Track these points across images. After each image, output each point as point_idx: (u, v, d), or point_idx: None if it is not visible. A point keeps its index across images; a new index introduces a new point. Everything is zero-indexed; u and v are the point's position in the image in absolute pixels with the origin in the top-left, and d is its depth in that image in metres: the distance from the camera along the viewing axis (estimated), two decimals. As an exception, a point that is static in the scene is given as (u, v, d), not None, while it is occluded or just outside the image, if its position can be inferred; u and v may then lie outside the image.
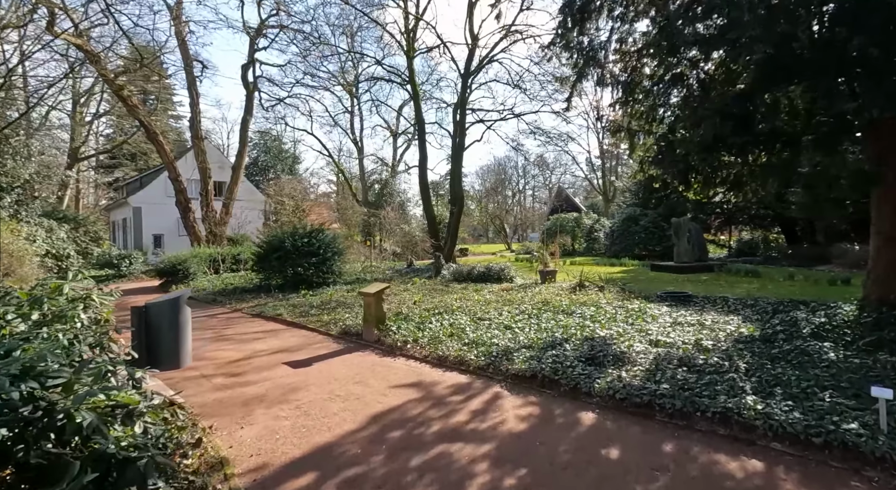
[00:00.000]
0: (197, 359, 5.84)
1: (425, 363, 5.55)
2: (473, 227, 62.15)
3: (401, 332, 6.58)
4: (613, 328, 6.27)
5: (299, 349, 6.35)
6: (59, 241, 16.78)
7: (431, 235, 19.43)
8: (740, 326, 5.94)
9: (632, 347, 5.08)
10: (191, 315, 5.55)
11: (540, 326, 6.72)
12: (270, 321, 8.71)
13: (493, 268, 14.26)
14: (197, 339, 7.12)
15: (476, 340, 5.97)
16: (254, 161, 46.24)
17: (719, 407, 3.46)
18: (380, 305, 6.67)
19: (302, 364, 5.55)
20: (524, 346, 5.60)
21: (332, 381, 4.87)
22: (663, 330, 6.01)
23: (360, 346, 6.44)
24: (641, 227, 24.89)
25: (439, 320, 7.44)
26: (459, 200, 19.00)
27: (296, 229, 13.99)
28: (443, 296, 10.95)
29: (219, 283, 14.20)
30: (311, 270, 13.17)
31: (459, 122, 19.23)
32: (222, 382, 4.86)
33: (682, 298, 8.94)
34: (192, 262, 15.39)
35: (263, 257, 13.23)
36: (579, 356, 4.90)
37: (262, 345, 6.66)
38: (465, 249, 37.06)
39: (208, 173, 23.49)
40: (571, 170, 56.90)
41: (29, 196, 17.72)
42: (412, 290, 12.26)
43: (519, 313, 8.02)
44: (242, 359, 5.83)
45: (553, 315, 7.65)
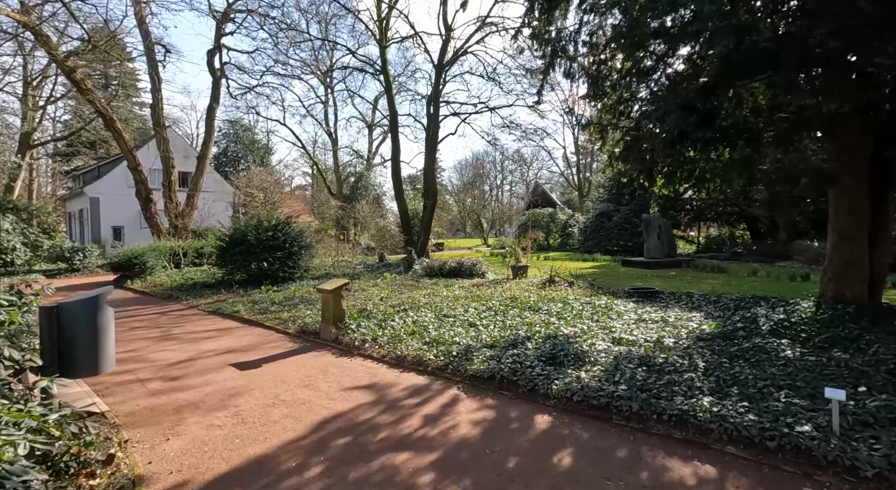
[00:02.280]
0: (136, 361, 5.43)
1: (383, 363, 5.31)
2: (451, 222, 61.99)
3: (360, 330, 6.31)
4: (578, 325, 6.17)
5: (251, 349, 6.00)
6: (3, 233, 15.68)
7: (404, 230, 19.13)
8: (702, 323, 5.93)
9: (594, 346, 4.97)
10: (113, 314, 5.13)
11: (505, 324, 6.57)
12: (226, 319, 8.29)
13: (465, 263, 14.09)
14: (140, 339, 6.68)
15: (437, 339, 5.76)
16: (223, 151, 44.70)
17: (675, 409, 3.36)
18: (338, 302, 6.38)
19: (250, 366, 5.22)
20: (486, 344, 5.43)
21: (279, 384, 4.57)
22: (627, 327, 5.93)
23: (317, 346, 6.14)
24: (614, 222, 25.19)
25: (403, 318, 7.21)
26: (433, 194, 18.74)
27: (260, 222, 13.47)
28: (412, 292, 10.71)
29: (178, 278, 13.55)
30: (277, 265, 12.70)
31: (433, 115, 18.93)
32: (158, 387, 4.50)
33: (648, 294, 8.97)
34: (149, 256, 14.63)
35: (225, 251, 12.67)
36: (540, 355, 4.75)
37: (212, 344, 6.28)
38: (441, 244, 36.84)
39: (171, 163, 22.49)
40: (548, 165, 57.36)
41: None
42: (381, 285, 11.97)
43: (485, 310, 7.86)
44: (186, 360, 5.46)
45: (520, 312, 7.52)
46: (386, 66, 18.74)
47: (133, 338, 6.71)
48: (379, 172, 43.88)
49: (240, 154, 44.47)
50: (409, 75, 31.28)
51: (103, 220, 26.54)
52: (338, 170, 41.29)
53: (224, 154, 44.26)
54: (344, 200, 35.98)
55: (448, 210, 60.31)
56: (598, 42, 6.71)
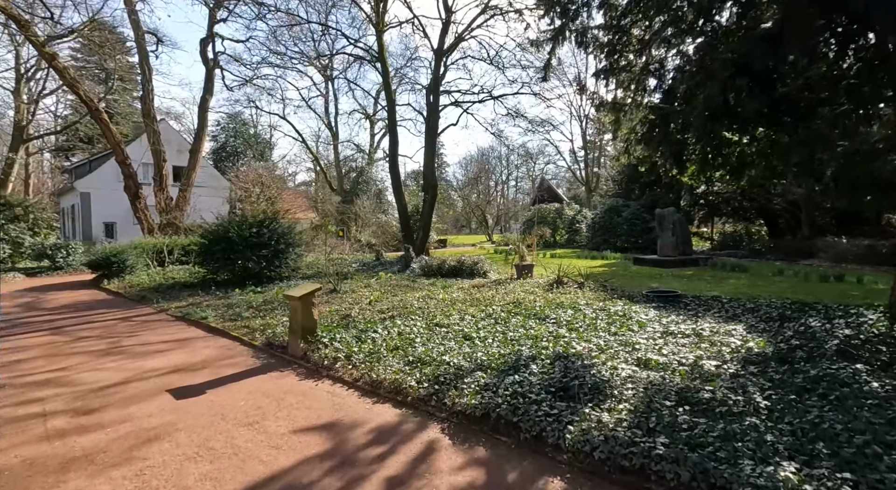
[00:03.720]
0: (57, 385, 4.49)
1: (354, 390, 4.32)
2: (455, 218, 60.90)
3: (334, 345, 5.32)
4: (593, 340, 5.14)
5: (202, 367, 5.04)
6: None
7: (402, 226, 18.14)
8: (746, 339, 4.87)
9: (616, 372, 3.94)
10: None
11: (506, 336, 5.55)
12: (192, 326, 7.34)
13: (466, 261, 13.08)
14: (81, 352, 5.74)
15: (423, 357, 4.76)
16: (222, 146, 43.91)
17: (747, 484, 2.33)
18: (308, 312, 5.40)
19: (192, 392, 4.26)
20: (482, 365, 4.42)
21: (216, 421, 3.60)
22: (653, 343, 4.90)
23: (281, 364, 5.17)
24: (624, 218, 24.07)
25: (388, 327, 6.21)
26: (432, 188, 17.71)
27: (244, 218, 12.52)
28: (405, 293, 9.72)
29: (158, 278, 12.66)
30: (262, 264, 11.76)
31: (433, 104, 17.87)
32: (61, 426, 3.54)
33: (670, 299, 7.91)
34: (130, 254, 13.74)
35: (207, 249, 11.74)
36: (548, 384, 3.74)
37: (160, 361, 5.32)
38: (444, 241, 35.82)
39: (162, 156, 21.65)
40: (555, 159, 56.06)
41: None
42: (374, 286, 11.00)
43: (484, 317, 6.84)
44: (118, 384, 4.50)
45: (523, 320, 6.50)
46: (383, 52, 17.69)
47: (73, 351, 5.77)
48: (381, 167, 42.81)
49: (239, 149, 43.66)
50: (408, 65, 30.15)
51: (94, 216, 25.79)
52: (338, 164, 40.37)
53: (223, 149, 43.48)
54: (345, 196, 35.07)
55: (452, 206, 59.31)
56: (617, 2, 5.64)
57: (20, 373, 4.89)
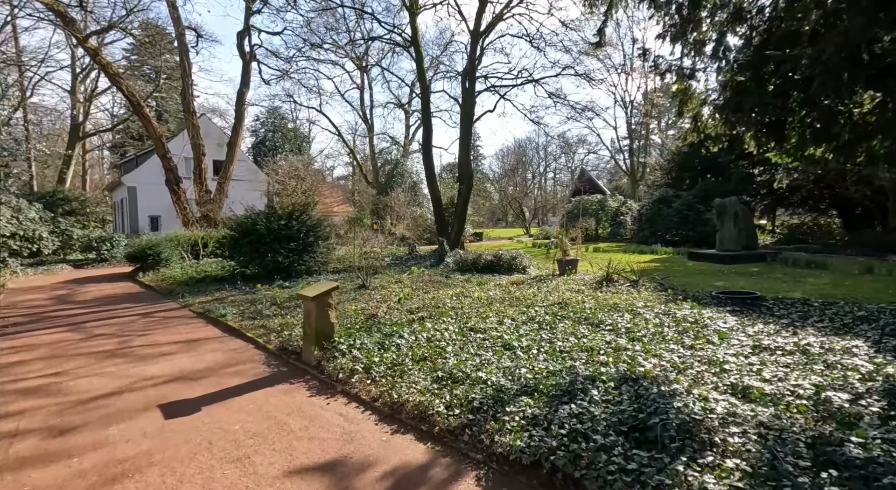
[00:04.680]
0: (44, 394, 4.02)
1: (371, 411, 3.58)
2: (492, 211, 59.66)
3: (352, 353, 4.60)
4: (665, 354, 4.16)
5: (206, 375, 4.46)
6: (28, 221, 15.37)
7: (436, 218, 17.39)
8: (879, 362, 3.74)
9: (708, 405, 2.97)
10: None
11: (553, 347, 4.65)
12: (209, 324, 6.88)
13: (504, 256, 12.16)
14: (86, 354, 5.33)
15: (455, 372, 3.95)
16: (262, 140, 44.68)
17: None
18: (323, 315, 4.70)
19: (185, 408, 3.65)
20: (527, 387, 3.56)
21: (201, 453, 2.94)
22: (746, 362, 3.85)
23: (292, 373, 4.51)
24: (674, 209, 22.31)
25: (415, 331, 5.45)
26: (468, 178, 16.81)
27: (273, 210, 12.13)
28: (437, 290, 8.96)
29: (190, 272, 12.53)
30: (291, 258, 11.32)
31: (469, 90, 16.91)
32: (24, 452, 2.99)
33: (747, 301, 6.70)
34: (165, 247, 13.74)
35: (235, 242, 11.44)
36: (617, 420, 2.84)
37: (163, 366, 4.80)
38: (480, 234, 34.86)
39: (201, 150, 21.89)
40: (596, 149, 53.64)
41: (4, 174, 16.36)
42: (404, 282, 10.31)
43: (526, 321, 5.95)
44: (110, 394, 3.98)
45: (573, 325, 5.56)
46: (416, 36, 16.88)
47: (78, 352, 5.38)
48: (416, 159, 42.20)
49: (278, 143, 44.29)
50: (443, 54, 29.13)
51: (140, 210, 26.65)
52: (374, 157, 40.12)
53: (262, 143, 44.23)
54: (380, 189, 34.76)
55: (488, 198, 58.15)
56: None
57: (14, 377, 4.49)
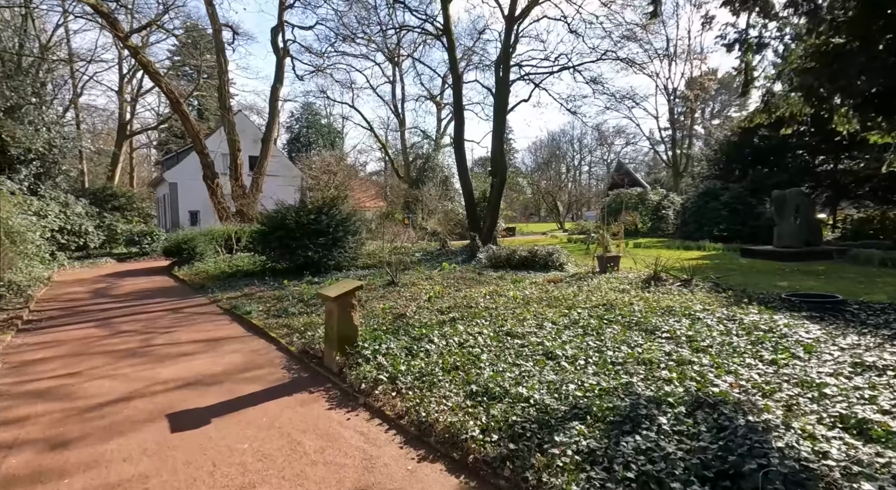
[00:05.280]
0: (55, 398, 3.80)
1: (395, 431, 3.13)
2: (524, 206, 58.44)
3: (377, 359, 4.17)
4: (741, 371, 3.50)
5: (220, 381, 4.15)
6: (74, 216, 15.95)
7: (468, 212, 16.84)
8: None
9: (818, 446, 2.33)
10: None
11: (603, 358, 4.06)
12: (234, 322, 6.66)
13: (539, 252, 11.50)
14: (107, 352, 5.17)
15: (491, 386, 3.45)
16: (296, 136, 45.37)
17: None
18: (346, 316, 4.29)
19: (194, 420, 3.32)
20: (577, 408, 3.01)
21: (201, 479, 2.57)
22: (850, 385, 3.15)
23: (312, 380, 4.13)
24: (722, 203, 20.88)
25: (446, 335, 4.97)
26: (501, 171, 16.16)
27: (303, 204, 11.95)
28: (470, 288, 8.47)
29: (223, 266, 12.57)
30: (320, 253, 11.10)
31: (502, 78, 16.21)
32: (14, 469, 2.71)
33: (826, 305, 5.83)
34: (199, 241, 13.89)
35: (265, 236, 11.33)
36: (698, 461, 2.25)
37: (178, 369, 4.53)
38: (513, 228, 34.07)
39: (237, 146, 22.21)
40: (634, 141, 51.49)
41: (54, 169, 17.02)
42: (435, 279, 9.86)
43: (569, 325, 5.37)
44: (119, 400, 3.72)
45: (623, 331, 4.93)
46: (449, 24, 16.29)
47: (99, 350, 5.22)
48: (447, 153, 41.72)
49: (312, 139, 44.84)
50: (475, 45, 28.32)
51: (181, 205, 27.48)
52: (405, 151, 39.91)
53: (297, 139, 44.91)
54: (411, 183, 34.52)
55: (521, 192, 57.02)
56: None
57: (30, 377, 4.34)
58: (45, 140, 15.30)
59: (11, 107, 15.22)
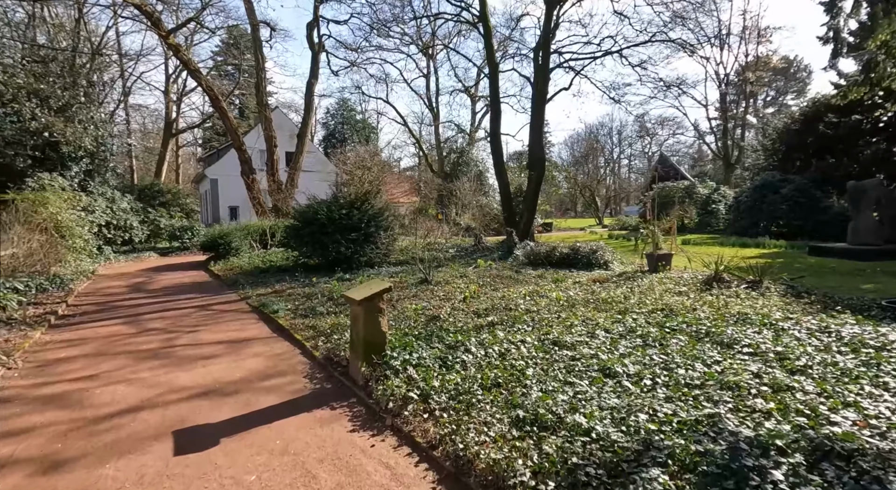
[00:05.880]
0: (66, 405, 3.54)
1: (427, 464, 2.62)
2: (560, 201, 56.79)
3: (407, 371, 3.68)
4: (863, 402, 2.76)
5: (237, 391, 3.78)
6: (120, 211, 16.46)
7: (504, 207, 16.16)
8: None
9: None
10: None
11: (674, 378, 3.40)
12: (260, 321, 6.37)
13: (582, 248, 10.74)
14: (128, 352, 4.95)
15: (541, 412, 2.87)
16: (332, 132, 45.77)
17: None
18: (373, 321, 3.82)
19: (201, 440, 2.94)
20: (652, 447, 2.40)
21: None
22: None
23: (335, 393, 3.69)
24: (783, 196, 19.23)
25: (484, 344, 4.42)
26: (539, 163, 15.36)
27: (335, 199, 11.68)
28: (508, 288, 7.90)
29: (257, 261, 12.52)
30: (352, 248, 10.79)
31: (541, 66, 15.37)
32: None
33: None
34: (234, 237, 13.95)
35: (297, 232, 11.14)
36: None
37: (195, 375, 4.22)
38: (550, 224, 33.00)
39: (274, 142, 22.42)
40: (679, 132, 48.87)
41: (103, 167, 17.64)
42: (470, 276, 9.33)
43: (625, 334, 4.70)
44: (128, 410, 3.41)
45: (692, 344, 4.22)
46: (485, 9, 15.60)
47: (122, 350, 5.02)
48: (481, 147, 40.93)
49: (347, 135, 45.12)
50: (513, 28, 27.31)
51: (221, 200, 28.16)
52: (439, 146, 39.44)
53: (332, 135, 45.30)
54: (445, 178, 34.06)
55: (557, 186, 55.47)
56: None
57: (47, 379, 4.14)
58: (94, 138, 15.81)
59: (63, 106, 15.82)
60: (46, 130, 14.66)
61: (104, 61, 25.29)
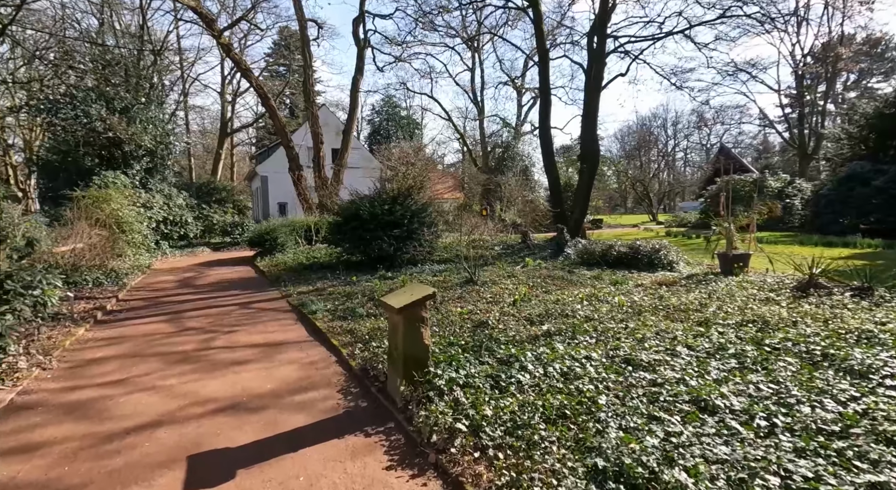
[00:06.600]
0: (87, 415, 3.28)
1: (481, 527, 2.06)
2: (609, 196, 54.24)
3: (453, 393, 3.13)
4: None
5: (265, 406, 3.39)
6: (176, 207, 17.08)
7: (553, 202, 15.26)
8: None
9: None
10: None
11: (796, 417, 2.63)
12: (298, 322, 6.06)
13: (642, 247, 9.76)
14: (163, 354, 4.73)
15: (627, 462, 2.23)
16: (377, 129, 46.10)
17: None
18: (414, 332, 3.29)
19: (215, 471, 2.54)
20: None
21: None
22: None
23: (370, 416, 3.20)
24: (875, 188, 17.05)
25: (541, 360, 3.79)
26: (592, 156, 14.32)
27: (378, 194, 11.34)
28: (562, 290, 7.19)
29: (301, 258, 12.45)
30: (394, 245, 10.41)
31: (596, 51, 14.28)
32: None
33: None
34: (280, 232, 14.01)
35: (339, 228, 10.91)
36: None
37: (224, 383, 3.89)
38: (599, 221, 31.36)
39: (320, 139, 22.62)
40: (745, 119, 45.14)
41: (161, 165, 18.42)
42: (518, 276, 8.68)
43: (713, 351, 3.91)
44: (147, 425, 3.09)
45: (807, 369, 3.38)
46: (535, -8, 14.70)
47: (156, 352, 4.82)
48: (527, 142, 39.66)
49: (391, 131, 45.29)
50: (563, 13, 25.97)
51: (271, 197, 28.92)
52: (484, 140, 38.64)
53: (377, 132, 45.62)
54: (490, 173, 33.29)
55: (607, 181, 53.04)
56: None
57: (75, 383, 3.96)
58: (153, 137, 16.47)
59: (125, 107, 16.59)
60: (111, 131, 15.40)
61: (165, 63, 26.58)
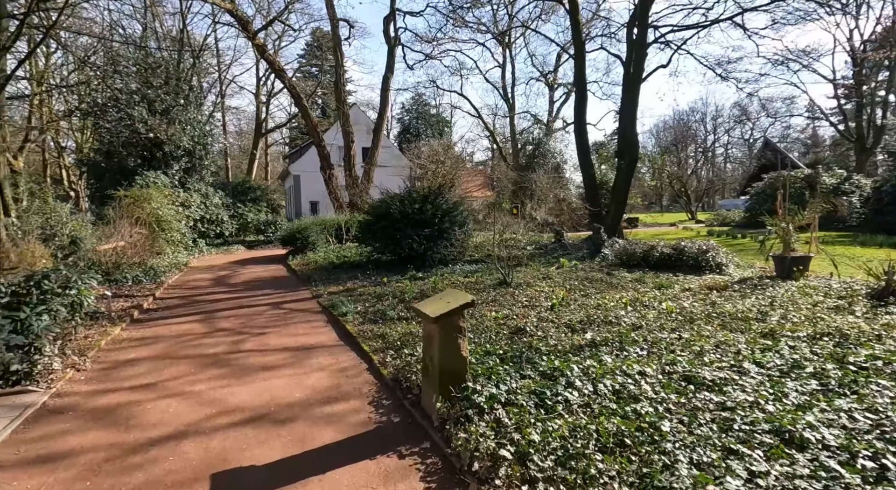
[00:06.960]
0: (113, 422, 3.19)
1: None
2: (643, 194, 52.34)
3: (494, 413, 2.84)
4: None
5: (294, 417, 3.20)
6: (213, 206, 17.50)
7: (589, 200, 14.67)
8: None
9: None
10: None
11: (913, 461, 2.20)
12: (328, 325, 5.90)
13: (688, 248, 9.16)
14: (193, 357, 4.65)
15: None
16: (406, 128, 46.17)
17: None
18: (451, 344, 3.02)
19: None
20: None
21: None
22: None
23: (404, 434, 2.95)
24: (950, 184, 15.52)
25: (589, 375, 3.44)
26: (632, 150, 13.64)
27: (408, 193, 11.15)
28: (602, 294, 6.77)
29: (332, 256, 12.44)
30: (425, 244, 10.21)
31: (637, 41, 13.58)
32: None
33: None
34: (311, 231, 14.07)
35: (369, 227, 10.79)
36: None
37: (253, 390, 3.74)
38: (635, 219, 30.20)
39: (351, 138, 22.73)
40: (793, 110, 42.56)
41: (199, 165, 18.93)
42: (554, 278, 8.30)
43: (786, 369, 3.46)
44: (170, 436, 2.96)
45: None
46: (571, -19, 14.13)
47: (188, 354, 4.75)
48: (559, 139, 38.67)
49: (421, 129, 45.25)
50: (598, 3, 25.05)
51: (303, 196, 29.35)
52: (514, 137, 38.01)
53: (407, 130, 45.68)
54: (520, 171, 32.68)
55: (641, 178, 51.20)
56: None
57: (107, 386, 3.91)
58: (191, 137, 16.92)
59: (165, 109, 17.11)
60: (152, 132, 15.91)
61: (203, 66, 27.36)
